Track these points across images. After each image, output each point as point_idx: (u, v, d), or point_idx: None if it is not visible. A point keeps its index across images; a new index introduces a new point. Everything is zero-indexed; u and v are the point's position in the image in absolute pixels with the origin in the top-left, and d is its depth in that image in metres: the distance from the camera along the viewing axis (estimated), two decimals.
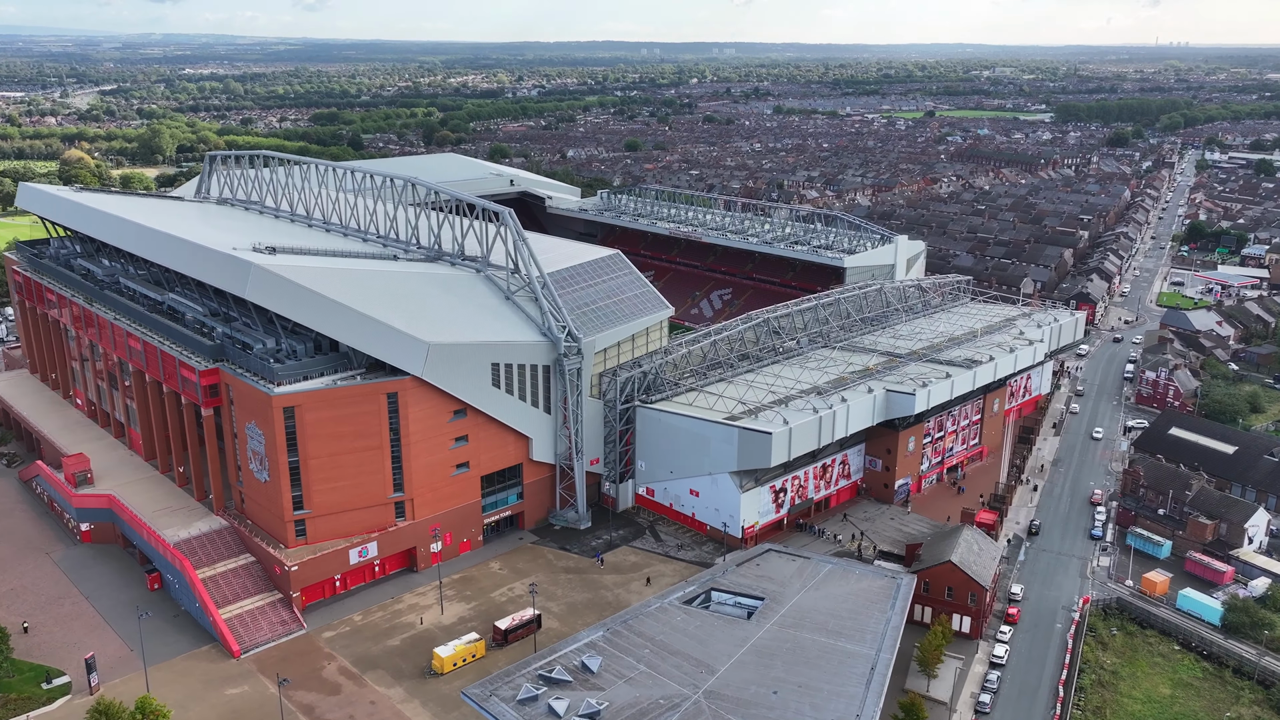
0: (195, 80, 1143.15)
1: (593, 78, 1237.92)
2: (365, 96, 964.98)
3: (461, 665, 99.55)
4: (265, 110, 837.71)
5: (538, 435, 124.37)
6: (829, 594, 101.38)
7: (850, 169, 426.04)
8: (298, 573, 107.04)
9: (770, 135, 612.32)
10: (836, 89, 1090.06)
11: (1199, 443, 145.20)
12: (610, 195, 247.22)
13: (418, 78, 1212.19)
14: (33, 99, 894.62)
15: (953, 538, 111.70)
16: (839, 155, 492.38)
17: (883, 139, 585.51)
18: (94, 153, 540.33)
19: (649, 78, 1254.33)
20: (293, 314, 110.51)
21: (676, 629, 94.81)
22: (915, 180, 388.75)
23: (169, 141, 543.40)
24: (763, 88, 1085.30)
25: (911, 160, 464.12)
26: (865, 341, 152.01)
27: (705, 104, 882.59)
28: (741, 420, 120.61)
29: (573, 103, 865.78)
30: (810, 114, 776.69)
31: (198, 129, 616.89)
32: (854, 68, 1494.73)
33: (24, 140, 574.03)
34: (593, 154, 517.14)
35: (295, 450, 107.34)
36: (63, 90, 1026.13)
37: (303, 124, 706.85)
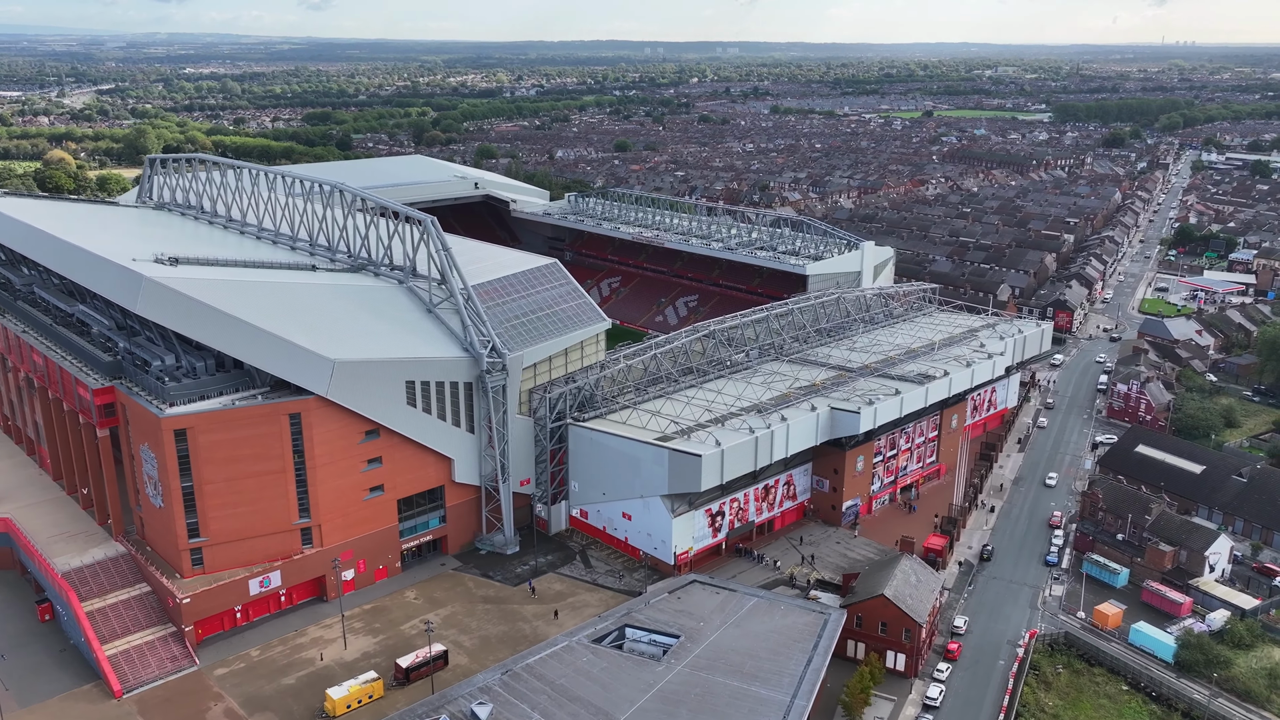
0: (194, 80, 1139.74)
1: (592, 77, 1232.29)
2: (362, 96, 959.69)
3: (356, 707, 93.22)
4: (260, 110, 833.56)
5: (460, 456, 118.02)
6: (749, 631, 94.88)
7: (839, 170, 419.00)
8: (189, 605, 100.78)
9: (764, 136, 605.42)
10: (836, 89, 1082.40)
11: (1165, 461, 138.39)
12: (578, 198, 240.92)
13: (417, 77, 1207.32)
14: (29, 98, 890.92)
15: (889, 569, 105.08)
16: (830, 156, 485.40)
17: (877, 139, 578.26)
18: (80, 153, 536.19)
19: (649, 77, 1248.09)
20: (186, 329, 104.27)
21: (580, 671, 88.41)
22: (903, 182, 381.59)
23: (155, 142, 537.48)
24: (762, 87, 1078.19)
25: (902, 161, 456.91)
26: (818, 354, 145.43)
27: (703, 104, 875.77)
28: (673, 441, 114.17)
29: (569, 102, 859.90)
30: (807, 114, 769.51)
31: (187, 129, 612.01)
32: (856, 67, 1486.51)
33: (10, 140, 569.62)
34: (582, 155, 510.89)
35: (189, 474, 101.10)
36: (60, 90, 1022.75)
37: (295, 124, 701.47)
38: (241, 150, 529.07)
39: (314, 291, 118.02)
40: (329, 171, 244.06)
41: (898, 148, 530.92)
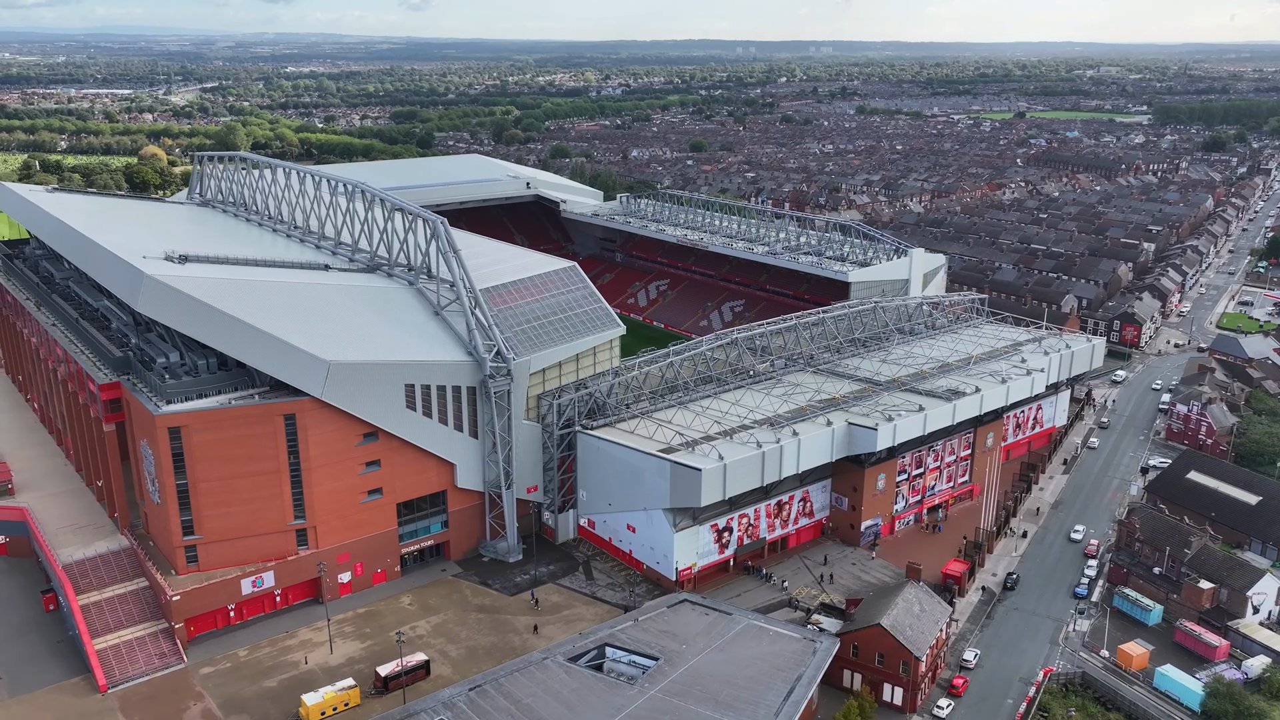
0: (293, 79, 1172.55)
1: (680, 76, 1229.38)
2: (451, 95, 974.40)
3: (330, 715, 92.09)
4: (351, 108, 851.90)
5: (463, 461, 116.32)
6: (733, 656, 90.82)
7: (915, 173, 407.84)
8: (179, 602, 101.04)
9: (845, 137, 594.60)
10: (927, 89, 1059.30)
11: (1218, 490, 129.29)
12: (630, 199, 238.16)
13: (506, 76, 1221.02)
14: (138, 96, 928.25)
15: (891, 596, 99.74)
16: (909, 158, 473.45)
17: (962, 141, 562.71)
18: (175, 149, 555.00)
19: (736, 76, 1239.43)
20: (185, 328, 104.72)
21: (550, 691, 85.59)
22: (979, 186, 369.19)
23: (244, 139, 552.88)
24: (851, 87, 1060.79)
25: (984, 164, 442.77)
26: (848, 366, 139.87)
27: (787, 104, 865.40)
28: (676, 453, 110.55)
29: (652, 102, 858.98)
30: (893, 115, 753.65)
31: (278, 126, 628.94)
32: (950, 67, 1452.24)
33: (113, 136, 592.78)
34: (656, 154, 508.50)
35: (184, 472, 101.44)
36: (167, 88, 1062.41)
37: (382, 122, 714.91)
38: (325, 147, 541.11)
39: (319, 292, 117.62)
40: (385, 170, 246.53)
41: (982, 150, 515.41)
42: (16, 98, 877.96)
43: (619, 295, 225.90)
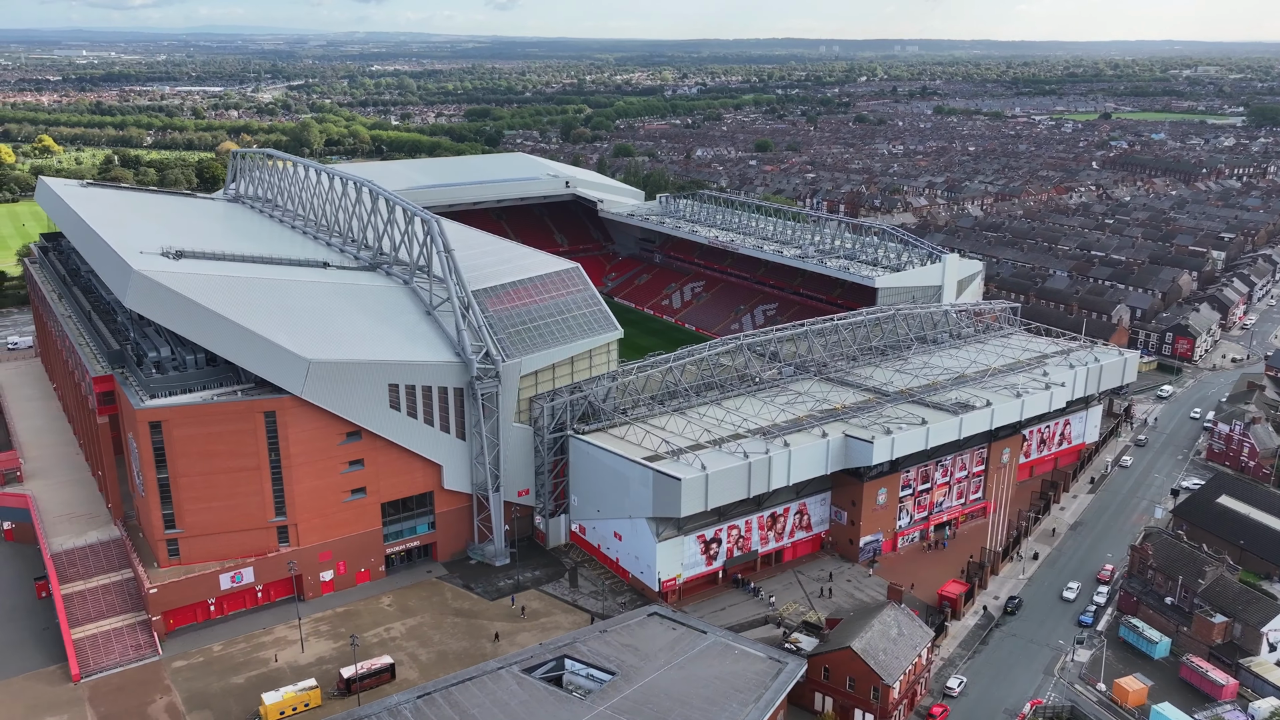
0: (376, 77, 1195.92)
1: (758, 75, 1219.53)
2: (528, 93, 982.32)
3: (289, 714, 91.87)
4: (429, 106, 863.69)
5: (449, 462, 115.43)
6: (692, 675, 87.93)
7: (982, 175, 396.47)
8: (156, 595, 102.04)
9: (917, 137, 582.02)
10: (1011, 89, 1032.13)
11: (1249, 516, 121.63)
12: (669, 199, 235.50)
13: (584, 75, 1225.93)
14: (226, 94, 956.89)
15: (868, 617, 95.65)
16: (979, 160, 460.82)
17: (1039, 143, 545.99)
18: (253, 144, 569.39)
19: (815, 76, 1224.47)
20: (171, 323, 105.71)
21: (498, 703, 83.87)
22: (1046, 189, 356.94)
23: (317, 136, 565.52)
24: (932, 87, 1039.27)
25: (1056, 166, 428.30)
26: (860, 375, 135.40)
27: (863, 103, 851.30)
28: (660, 462, 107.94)
29: (726, 101, 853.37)
30: (971, 115, 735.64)
31: (353, 123, 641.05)
32: (1038, 66, 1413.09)
33: (195, 132, 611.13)
34: (720, 154, 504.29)
35: (165, 466, 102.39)
36: (256, 86, 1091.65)
37: (456, 120, 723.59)
38: (395, 144, 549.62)
39: (310, 289, 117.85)
40: (429, 168, 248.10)
41: (1058, 152, 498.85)
42: (115, 95, 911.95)
43: (653, 296, 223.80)
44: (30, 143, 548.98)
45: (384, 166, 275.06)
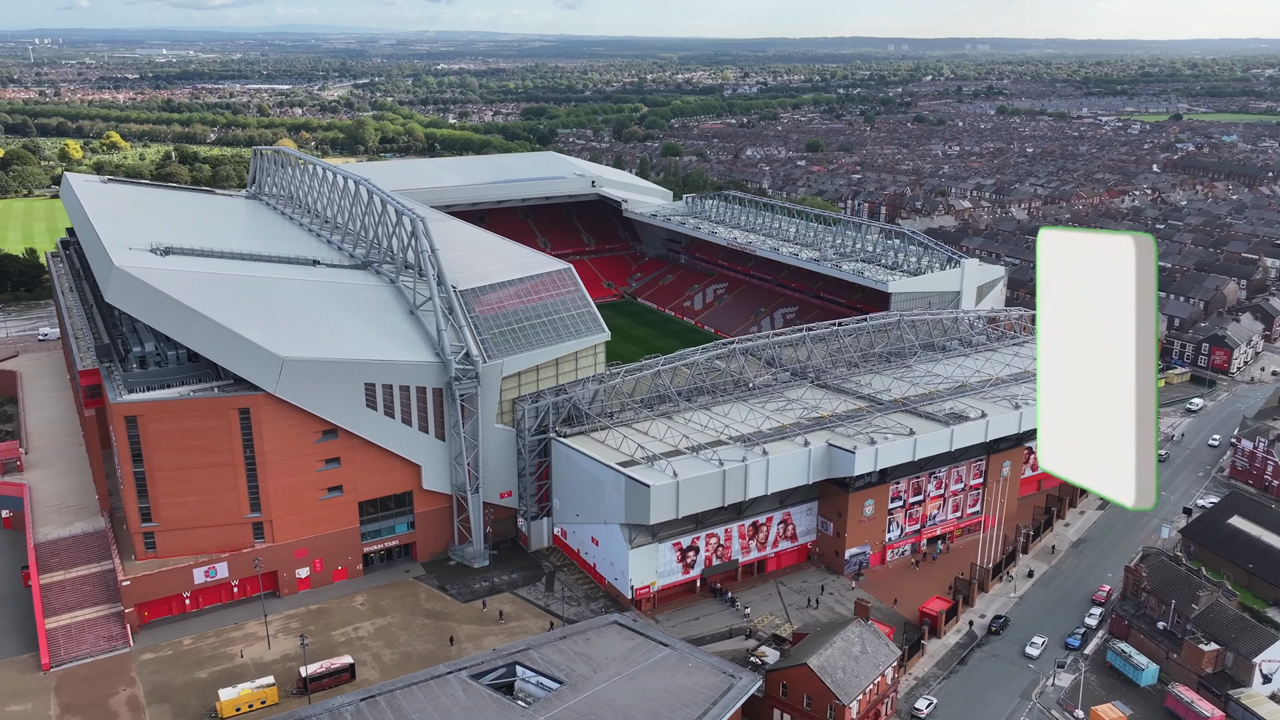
0: (440, 75, 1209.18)
1: (820, 75, 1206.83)
2: (587, 92, 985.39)
3: (245, 711, 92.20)
4: (487, 104, 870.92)
5: (428, 463, 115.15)
6: (641, 687, 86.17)
7: (1034, 177, 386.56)
8: (129, 587, 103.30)
9: (975, 138, 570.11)
10: (1081, 89, 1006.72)
11: (1260, 539, 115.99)
12: (695, 199, 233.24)
13: (645, 74, 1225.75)
14: (294, 91, 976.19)
15: (832, 633, 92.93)
16: (1035, 161, 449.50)
17: (1101, 144, 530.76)
18: (310, 142, 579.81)
19: (879, 75, 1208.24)
20: (150, 319, 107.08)
21: (440, 708, 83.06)
22: (1099, 192, 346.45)
23: (372, 134, 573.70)
24: (998, 86, 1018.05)
25: (1114, 169, 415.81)
26: (858, 382, 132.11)
27: (925, 103, 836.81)
28: (633, 467, 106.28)
29: (784, 100, 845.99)
30: (1035, 116, 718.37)
31: (410, 121, 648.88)
32: (1112, 65, 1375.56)
33: (257, 129, 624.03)
34: (770, 154, 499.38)
35: (140, 460, 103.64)
36: (323, 84, 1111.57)
37: (512, 118, 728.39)
38: (447, 141, 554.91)
39: (293, 287, 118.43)
40: (456, 166, 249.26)
41: (1120, 154, 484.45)
42: (187, 93, 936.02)
43: (676, 297, 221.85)
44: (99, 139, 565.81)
45: (414, 164, 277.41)
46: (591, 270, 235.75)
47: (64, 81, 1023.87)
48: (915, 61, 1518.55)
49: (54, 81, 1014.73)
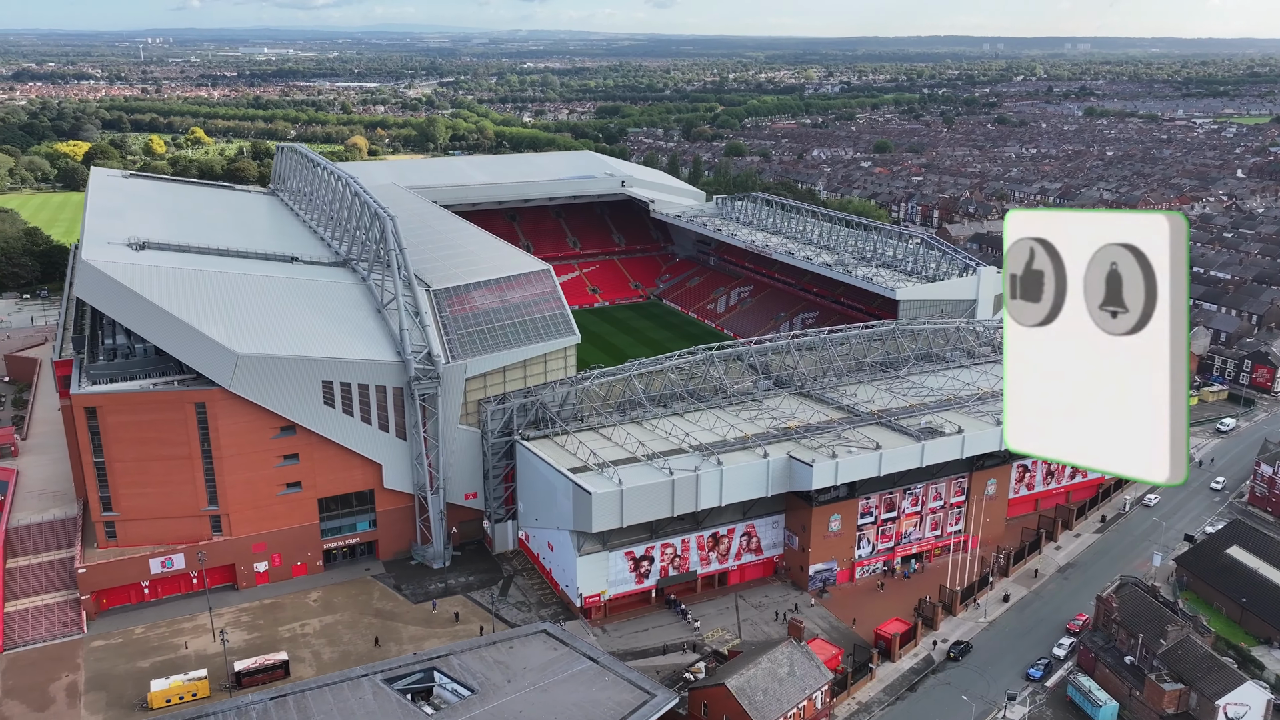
0: (525, 74, 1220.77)
1: (906, 74, 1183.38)
2: (667, 91, 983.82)
3: (176, 703, 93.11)
4: (565, 103, 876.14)
5: (389, 462, 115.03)
6: (551, 700, 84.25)
7: (1104, 182, 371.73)
8: (85, 575, 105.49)
9: (1055, 140, 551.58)
10: (1180, 89, 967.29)
11: (1257, 571, 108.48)
12: (725, 201, 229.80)
13: (728, 73, 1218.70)
14: (379, 89, 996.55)
15: (759, 653, 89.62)
16: (1112, 165, 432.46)
17: (1188, 147, 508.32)
18: (384, 139, 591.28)
19: (968, 74, 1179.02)
20: (114, 312, 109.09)
21: (344, 712, 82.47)
22: (1168, 198, 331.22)
23: (443, 131, 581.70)
24: (1091, 87, 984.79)
25: (1194, 174, 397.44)
26: (843, 392, 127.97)
27: (1011, 104, 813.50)
28: (581, 474, 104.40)
29: (864, 100, 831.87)
30: (1124, 117, 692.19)
31: (483, 119, 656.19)
32: (1217, 65, 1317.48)
33: (335, 126, 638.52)
34: (837, 154, 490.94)
35: (100, 451, 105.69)
36: (409, 82, 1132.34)
37: (587, 116, 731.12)
38: (515, 139, 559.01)
39: (262, 284, 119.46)
40: (487, 165, 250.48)
41: (1208, 158, 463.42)
42: (278, 90, 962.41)
43: (700, 300, 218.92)
44: (185, 134, 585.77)
45: (447, 163, 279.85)
46: (620, 270, 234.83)
47: (167, 79, 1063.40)
48: (1008, 61, 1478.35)
49: (157, 79, 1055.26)
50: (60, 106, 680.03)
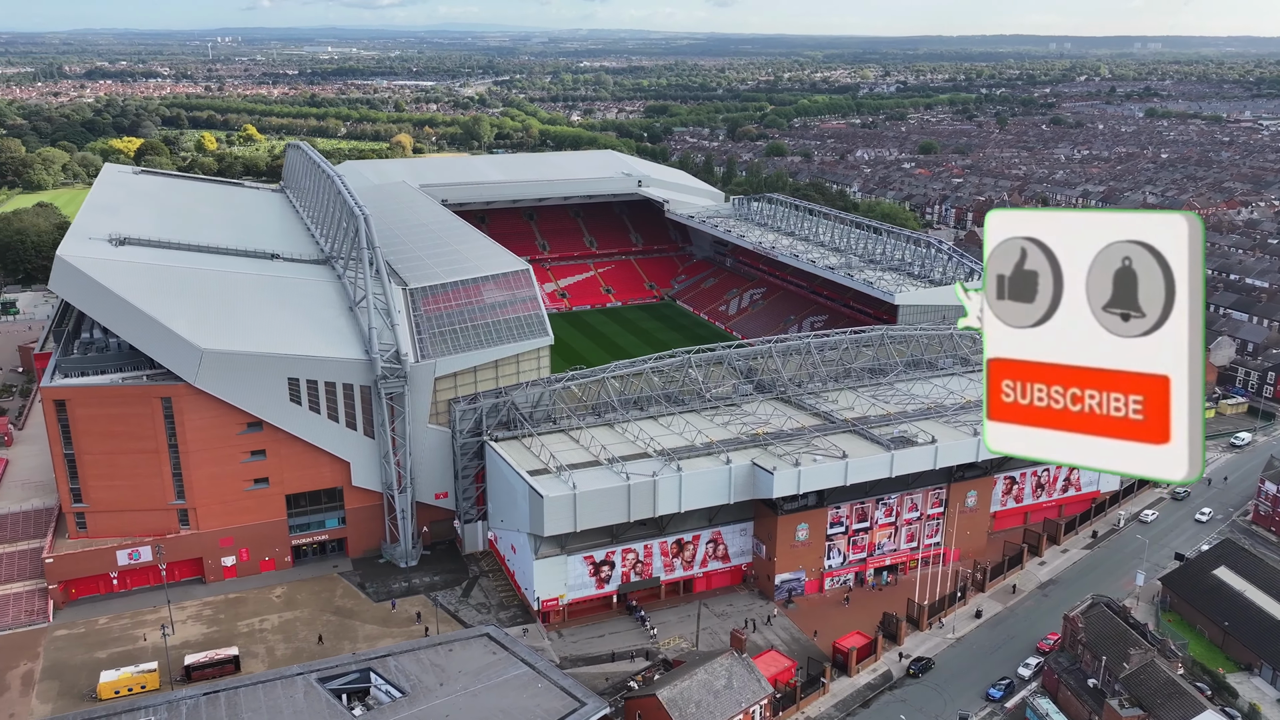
0: (580, 73, 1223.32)
1: (965, 74, 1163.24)
2: (719, 90, 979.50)
3: (124, 694, 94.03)
4: (616, 102, 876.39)
5: (357, 460, 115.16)
6: (479, 705, 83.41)
7: (1150, 185, 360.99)
8: (52, 565, 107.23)
9: (1111, 142, 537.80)
10: (1251, 90, 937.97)
11: (1242, 595, 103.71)
12: (742, 201, 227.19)
13: (783, 72, 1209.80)
14: (434, 88, 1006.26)
15: (698, 665, 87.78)
16: (1164, 168, 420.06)
17: (1250, 150, 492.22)
18: (431, 137, 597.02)
19: (1029, 74, 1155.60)
20: (86, 307, 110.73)
21: (272, 710, 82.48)
22: (1216, 202, 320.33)
23: (488, 129, 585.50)
24: (1156, 87, 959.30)
25: (1249, 178, 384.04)
26: (824, 398, 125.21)
27: (1070, 104, 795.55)
28: (538, 477, 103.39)
29: (917, 100, 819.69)
30: (1187, 118, 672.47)
31: (529, 118, 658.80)
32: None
33: (384, 124, 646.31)
34: (881, 155, 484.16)
35: (70, 443, 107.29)
36: (464, 81, 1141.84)
37: (635, 115, 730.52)
38: (558, 138, 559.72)
39: (236, 280, 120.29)
40: (506, 163, 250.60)
41: (1269, 160, 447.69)
42: (335, 88, 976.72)
43: (713, 302, 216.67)
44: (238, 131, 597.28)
45: (466, 161, 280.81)
46: (636, 270, 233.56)
47: (231, 77, 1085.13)
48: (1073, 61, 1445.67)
49: (221, 77, 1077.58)
50: (124, 104, 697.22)
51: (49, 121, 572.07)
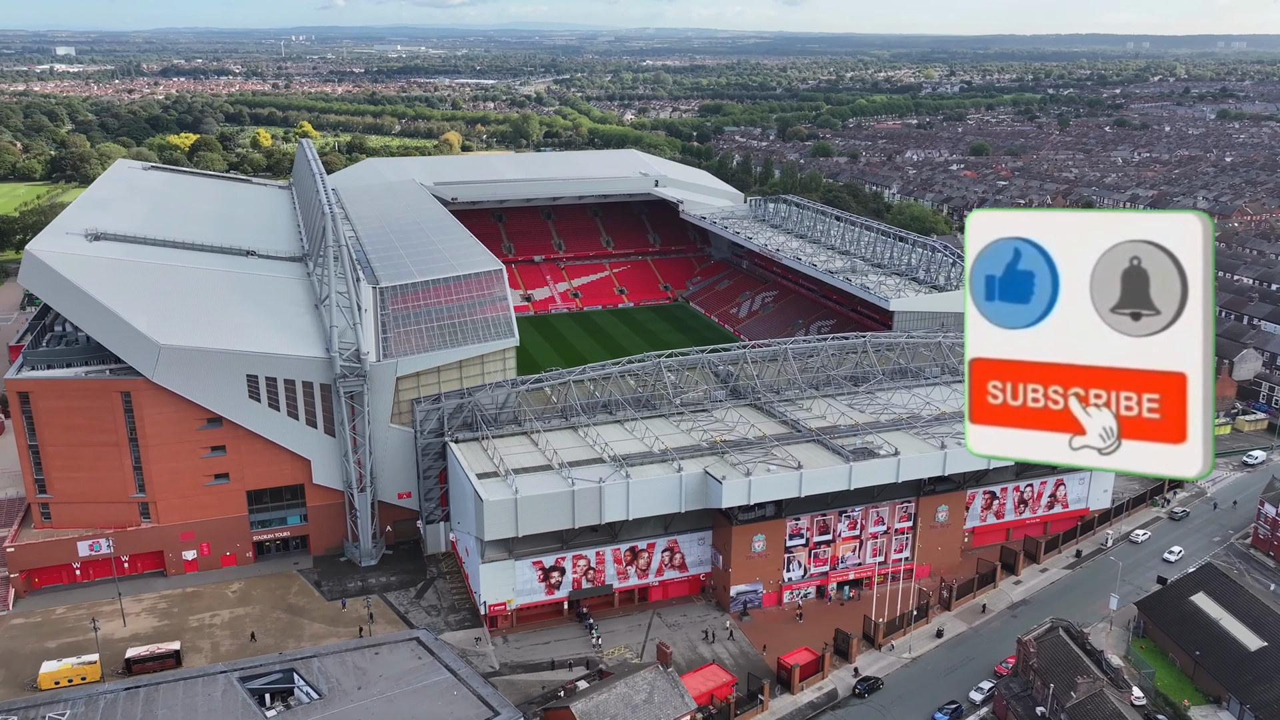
0: (641, 71, 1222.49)
1: (1034, 74, 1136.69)
2: (779, 90, 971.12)
3: (64, 685, 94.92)
4: (673, 100, 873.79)
5: (318, 458, 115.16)
6: (394, 710, 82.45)
7: (1204, 190, 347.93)
8: (14, 555, 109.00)
9: (1176, 144, 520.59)
10: None
11: (1217, 624, 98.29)
12: (759, 202, 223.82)
13: (846, 71, 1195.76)
14: (494, 86, 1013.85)
15: (619, 679, 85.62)
16: (1224, 172, 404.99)
17: None
18: (482, 134, 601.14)
19: (1100, 74, 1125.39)
20: (53, 301, 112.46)
21: (187, 708, 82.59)
22: (1271, 208, 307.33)
23: (536, 127, 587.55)
24: (1233, 88, 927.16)
25: None
26: (798, 406, 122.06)
27: (1139, 105, 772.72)
28: (485, 480, 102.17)
29: (979, 100, 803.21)
30: (1262, 120, 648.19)
31: (580, 116, 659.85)
32: None
33: (436, 122, 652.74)
34: (930, 156, 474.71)
35: (34, 435, 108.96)
36: (525, 79, 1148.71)
37: (689, 114, 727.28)
38: (606, 136, 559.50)
39: (205, 276, 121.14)
40: (524, 162, 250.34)
41: None
42: (397, 87, 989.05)
43: (725, 304, 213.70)
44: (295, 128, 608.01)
45: (485, 159, 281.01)
46: (652, 271, 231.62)
47: (299, 75, 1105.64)
48: (1148, 60, 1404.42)
49: (290, 75, 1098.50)
50: (190, 101, 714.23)
51: (116, 118, 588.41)
